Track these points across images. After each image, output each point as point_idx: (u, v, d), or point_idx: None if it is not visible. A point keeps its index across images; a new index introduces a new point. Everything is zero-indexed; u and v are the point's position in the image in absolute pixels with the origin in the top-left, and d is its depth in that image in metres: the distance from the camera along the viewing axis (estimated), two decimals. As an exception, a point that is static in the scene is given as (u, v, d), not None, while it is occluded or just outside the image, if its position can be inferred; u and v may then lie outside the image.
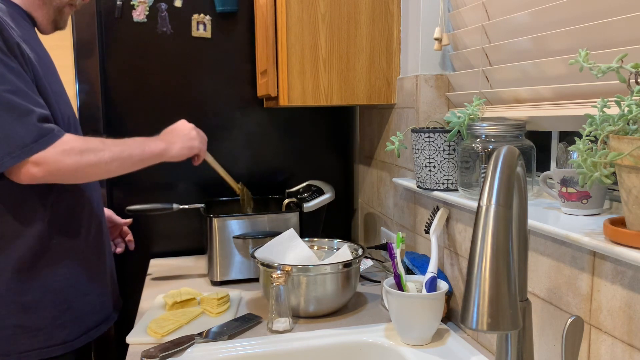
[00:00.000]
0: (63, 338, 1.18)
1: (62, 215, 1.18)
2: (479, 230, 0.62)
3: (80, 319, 1.22)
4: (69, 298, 1.19)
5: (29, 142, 1.04)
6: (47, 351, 1.16)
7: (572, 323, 0.72)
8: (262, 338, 1.15)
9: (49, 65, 1.22)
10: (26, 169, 1.05)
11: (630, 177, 0.66)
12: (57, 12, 1.24)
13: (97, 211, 1.30)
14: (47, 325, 1.16)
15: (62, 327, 1.18)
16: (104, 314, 1.29)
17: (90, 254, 1.25)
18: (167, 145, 1.24)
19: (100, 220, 1.31)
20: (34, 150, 1.04)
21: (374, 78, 1.49)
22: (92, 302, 1.25)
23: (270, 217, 1.54)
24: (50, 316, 1.16)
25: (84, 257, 1.23)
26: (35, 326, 1.15)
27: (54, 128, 1.07)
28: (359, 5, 1.45)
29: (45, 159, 1.05)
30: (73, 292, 1.20)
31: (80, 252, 1.22)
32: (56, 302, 1.17)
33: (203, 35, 1.75)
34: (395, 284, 1.15)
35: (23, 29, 1.16)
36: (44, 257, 1.15)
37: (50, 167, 1.06)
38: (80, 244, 1.22)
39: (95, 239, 1.27)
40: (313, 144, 1.90)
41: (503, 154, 0.68)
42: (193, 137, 1.30)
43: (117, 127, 1.72)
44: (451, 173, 1.19)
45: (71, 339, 1.19)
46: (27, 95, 1.06)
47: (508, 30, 1.09)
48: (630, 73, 0.68)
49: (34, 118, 1.05)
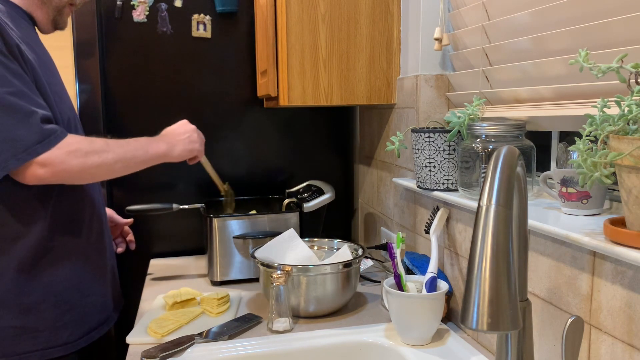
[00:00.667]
0: (64, 339, 1.18)
1: (63, 216, 1.18)
2: (479, 230, 0.62)
3: (81, 320, 1.21)
4: (70, 299, 1.19)
5: (32, 144, 1.04)
6: (49, 352, 1.16)
7: (572, 323, 0.72)
8: (262, 338, 1.15)
9: (49, 66, 1.22)
10: (32, 170, 1.05)
11: (630, 177, 0.66)
12: (57, 12, 1.24)
13: (99, 211, 1.30)
14: (49, 326, 1.16)
15: (63, 328, 1.18)
16: (105, 314, 1.29)
17: (91, 254, 1.25)
18: (169, 147, 1.26)
19: (101, 220, 1.31)
20: (38, 151, 1.04)
21: (374, 78, 1.49)
22: (93, 302, 1.25)
23: (270, 217, 1.54)
24: (51, 317, 1.16)
25: (85, 257, 1.23)
26: (37, 327, 1.15)
27: (57, 129, 1.08)
28: (359, 5, 1.45)
29: (52, 160, 1.06)
30: (74, 293, 1.20)
31: (81, 252, 1.22)
32: (57, 303, 1.17)
33: (203, 36, 1.75)
34: (395, 284, 1.15)
35: (23, 30, 1.16)
36: (45, 258, 1.15)
37: (57, 168, 1.06)
38: (81, 244, 1.22)
39: (96, 240, 1.27)
40: (313, 144, 1.90)
41: (503, 154, 0.68)
42: (194, 140, 1.32)
43: (118, 127, 1.72)
44: (451, 173, 1.19)
45: (72, 340, 1.19)
46: (29, 97, 1.06)
47: (508, 30, 1.09)
48: (631, 73, 0.68)
49: (36, 119, 1.05)
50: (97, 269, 1.27)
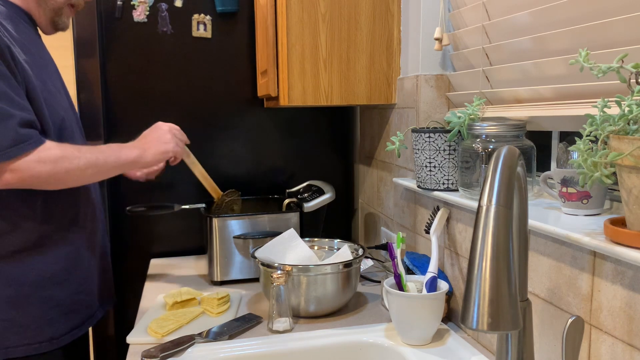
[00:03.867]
0: (50, 335, 1.19)
1: (53, 214, 1.19)
2: (479, 230, 0.62)
3: (66, 316, 1.22)
4: (55, 295, 1.20)
5: (5, 147, 1.03)
6: (35, 347, 1.17)
7: (572, 323, 0.72)
8: (263, 338, 1.15)
9: (46, 66, 1.21)
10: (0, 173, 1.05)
11: (630, 177, 0.66)
12: (54, 13, 1.23)
13: (94, 209, 1.30)
14: (35, 321, 1.17)
15: (49, 324, 1.18)
16: (90, 311, 1.30)
17: (82, 251, 1.26)
18: (140, 152, 1.23)
19: (96, 217, 1.31)
20: (10, 155, 1.04)
21: (374, 78, 1.49)
22: (80, 300, 1.25)
23: (270, 217, 1.54)
24: (37, 313, 1.17)
25: (75, 255, 1.23)
26: (24, 322, 1.15)
27: (32, 135, 1.06)
28: (359, 5, 1.45)
29: (20, 166, 1.05)
30: (61, 289, 1.21)
31: (71, 250, 1.23)
32: (43, 299, 1.18)
33: (203, 35, 1.75)
34: (396, 284, 1.15)
35: (21, 30, 1.15)
36: (34, 252, 1.16)
37: (24, 174, 1.06)
38: (72, 240, 1.23)
39: (89, 238, 1.28)
40: (313, 144, 1.90)
41: (503, 154, 0.68)
42: (167, 140, 1.28)
43: (117, 127, 1.72)
44: (451, 173, 1.19)
45: (57, 336, 1.20)
46: (11, 99, 1.05)
47: (508, 30, 1.09)
48: (631, 73, 0.68)
49: (14, 122, 1.04)
50: (87, 267, 1.27)
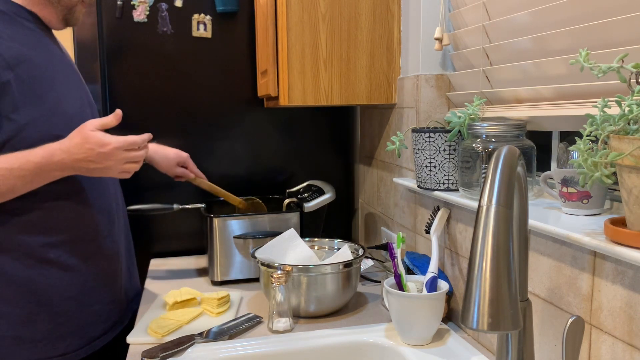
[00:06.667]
0: (62, 350, 1.17)
1: (64, 224, 1.16)
2: (480, 230, 0.62)
3: (81, 330, 1.20)
4: (66, 310, 1.17)
5: None
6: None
7: (572, 323, 0.72)
8: (263, 338, 1.15)
9: (47, 66, 1.20)
10: None
11: (630, 177, 0.66)
12: (67, 10, 1.23)
13: (111, 215, 1.27)
14: (45, 337, 1.15)
15: (61, 339, 1.16)
16: (111, 322, 1.27)
17: (99, 261, 1.23)
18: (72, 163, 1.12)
19: (113, 222, 1.27)
20: None
21: (374, 78, 1.49)
22: (97, 311, 1.23)
23: (270, 217, 1.54)
24: (46, 329, 1.15)
25: (90, 266, 1.20)
26: (34, 338, 1.13)
27: None
28: (359, 5, 1.45)
29: None
30: (72, 303, 1.18)
31: (85, 262, 1.19)
32: (51, 315, 1.15)
33: (203, 35, 1.74)
34: (396, 284, 1.15)
35: (20, 31, 1.14)
36: (41, 268, 1.13)
37: None
38: (86, 253, 1.20)
39: (108, 246, 1.24)
40: (313, 144, 1.90)
41: (503, 154, 0.68)
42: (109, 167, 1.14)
43: (117, 126, 1.71)
44: (452, 173, 1.19)
45: (71, 351, 1.18)
46: None
47: (508, 30, 1.09)
48: (631, 73, 0.68)
49: None
50: (105, 276, 1.24)
